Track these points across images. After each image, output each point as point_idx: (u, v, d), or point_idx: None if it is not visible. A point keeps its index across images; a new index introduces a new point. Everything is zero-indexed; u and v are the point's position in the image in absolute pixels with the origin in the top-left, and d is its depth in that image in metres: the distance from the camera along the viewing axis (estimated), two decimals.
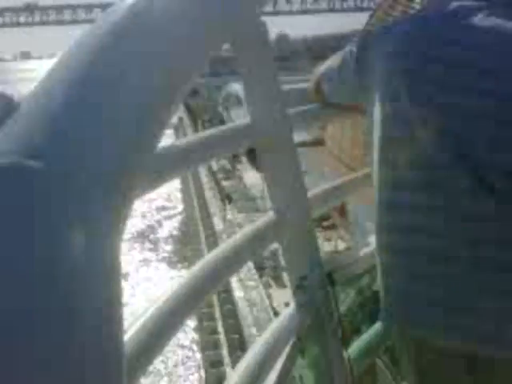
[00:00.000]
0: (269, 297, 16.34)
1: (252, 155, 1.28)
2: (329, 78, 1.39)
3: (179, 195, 33.39)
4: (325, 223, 16.71)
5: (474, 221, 1.08)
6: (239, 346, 14.97)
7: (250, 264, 17.59)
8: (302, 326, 1.26)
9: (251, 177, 26.52)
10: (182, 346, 17.67)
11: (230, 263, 1.08)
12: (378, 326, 1.52)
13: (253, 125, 1.18)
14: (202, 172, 28.23)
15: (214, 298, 18.71)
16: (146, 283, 23.66)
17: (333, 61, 1.38)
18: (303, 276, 1.28)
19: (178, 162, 0.99)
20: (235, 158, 26.10)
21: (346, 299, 1.50)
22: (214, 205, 26.37)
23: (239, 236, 1.16)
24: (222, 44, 0.78)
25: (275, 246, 1.39)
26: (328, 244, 15.51)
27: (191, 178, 30.56)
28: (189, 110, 46.31)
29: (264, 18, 1.15)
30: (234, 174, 26.98)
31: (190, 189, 30.22)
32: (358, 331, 1.55)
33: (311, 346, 1.31)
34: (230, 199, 25.63)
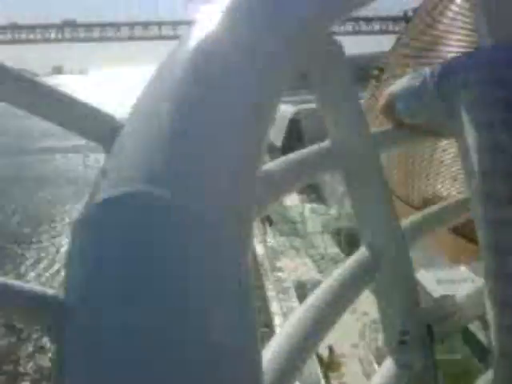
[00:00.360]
0: None
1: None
2: (405, 98, 1.37)
3: None
4: None
5: None
6: None
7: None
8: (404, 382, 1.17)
9: (292, 199, 26.08)
10: None
11: (325, 314, 0.96)
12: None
13: (336, 147, 1.13)
14: None
15: None
16: None
17: (408, 81, 1.35)
18: (405, 330, 1.16)
19: (262, 190, 0.88)
20: None
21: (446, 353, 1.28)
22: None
23: (331, 280, 1.05)
24: (299, 64, 0.76)
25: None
26: None
27: None
28: None
29: None
30: None
31: None
32: None
33: None
34: (271, 222, 25.17)
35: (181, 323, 0.39)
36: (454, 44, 1.80)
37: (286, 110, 33.02)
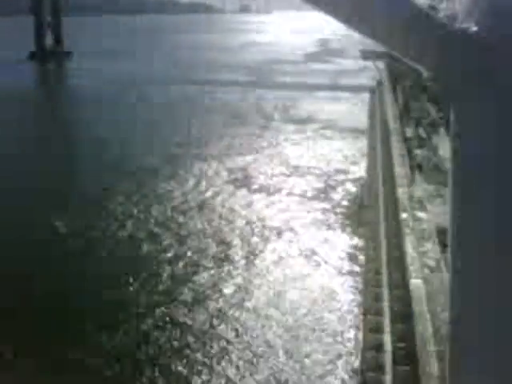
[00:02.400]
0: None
1: None
2: None
3: (361, 156, 33.04)
4: None
5: None
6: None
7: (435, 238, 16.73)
8: None
9: (447, 148, 25.31)
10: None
11: None
12: None
13: None
14: (394, 137, 27.43)
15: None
16: (314, 243, 23.42)
17: None
18: None
19: None
20: (433, 128, 25.01)
21: None
22: (400, 172, 25.44)
23: None
24: None
25: None
26: None
27: (379, 140, 29.80)
28: (390, 73, 45.31)
29: None
30: (428, 143, 25.83)
31: (377, 151, 29.56)
32: None
33: None
34: (421, 168, 24.61)
35: None
36: None
37: None
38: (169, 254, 22.38)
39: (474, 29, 0.96)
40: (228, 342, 16.62)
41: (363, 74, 72.73)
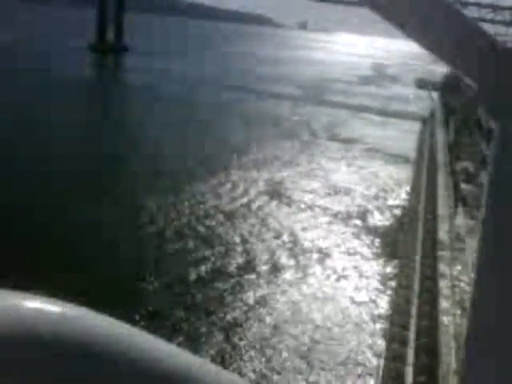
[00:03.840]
0: None
1: None
2: None
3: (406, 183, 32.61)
4: None
5: None
6: None
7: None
8: None
9: None
10: None
11: None
12: None
13: None
14: (441, 169, 26.98)
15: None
16: (349, 269, 23.10)
17: None
18: None
19: None
20: (483, 164, 24.41)
21: None
22: (443, 204, 24.88)
23: None
24: None
25: None
26: None
27: (425, 171, 29.31)
28: (444, 105, 44.88)
29: None
30: (476, 178, 25.26)
31: (422, 181, 29.10)
32: None
33: None
34: (465, 202, 24.07)
35: None
36: None
37: None
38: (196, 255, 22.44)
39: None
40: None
41: (415, 103, 71.96)
